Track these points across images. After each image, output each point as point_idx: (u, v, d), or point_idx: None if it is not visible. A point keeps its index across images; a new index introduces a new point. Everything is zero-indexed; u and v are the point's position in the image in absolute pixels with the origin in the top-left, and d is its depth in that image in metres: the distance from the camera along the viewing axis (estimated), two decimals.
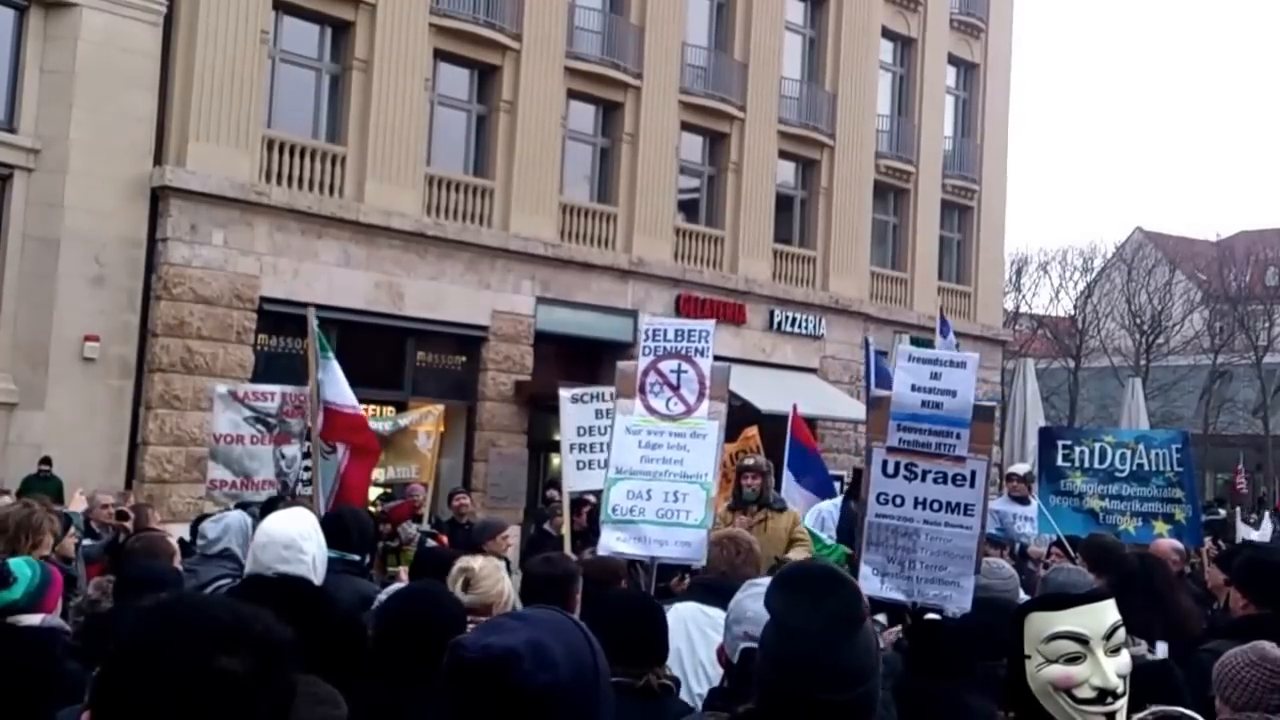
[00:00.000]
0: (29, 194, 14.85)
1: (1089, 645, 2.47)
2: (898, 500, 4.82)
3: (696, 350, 5.51)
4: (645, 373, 5.56)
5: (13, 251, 14.77)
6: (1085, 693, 2.43)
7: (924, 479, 4.80)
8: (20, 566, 3.62)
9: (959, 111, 27.39)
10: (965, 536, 4.70)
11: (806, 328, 22.94)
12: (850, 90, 23.91)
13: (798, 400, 11.75)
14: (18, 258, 14.77)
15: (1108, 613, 2.54)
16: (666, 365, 5.52)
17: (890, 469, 4.86)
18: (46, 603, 3.65)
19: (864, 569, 4.73)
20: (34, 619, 3.57)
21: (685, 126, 21.46)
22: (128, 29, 15.34)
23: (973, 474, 4.77)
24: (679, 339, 5.55)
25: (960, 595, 4.59)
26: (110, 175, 15.09)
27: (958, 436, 4.79)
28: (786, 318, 22.61)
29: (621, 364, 5.72)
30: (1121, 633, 2.54)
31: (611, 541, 5.29)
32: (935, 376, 4.88)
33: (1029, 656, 2.51)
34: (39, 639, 3.53)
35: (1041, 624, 2.52)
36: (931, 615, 4.25)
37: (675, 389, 5.48)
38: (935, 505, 4.77)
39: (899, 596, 4.63)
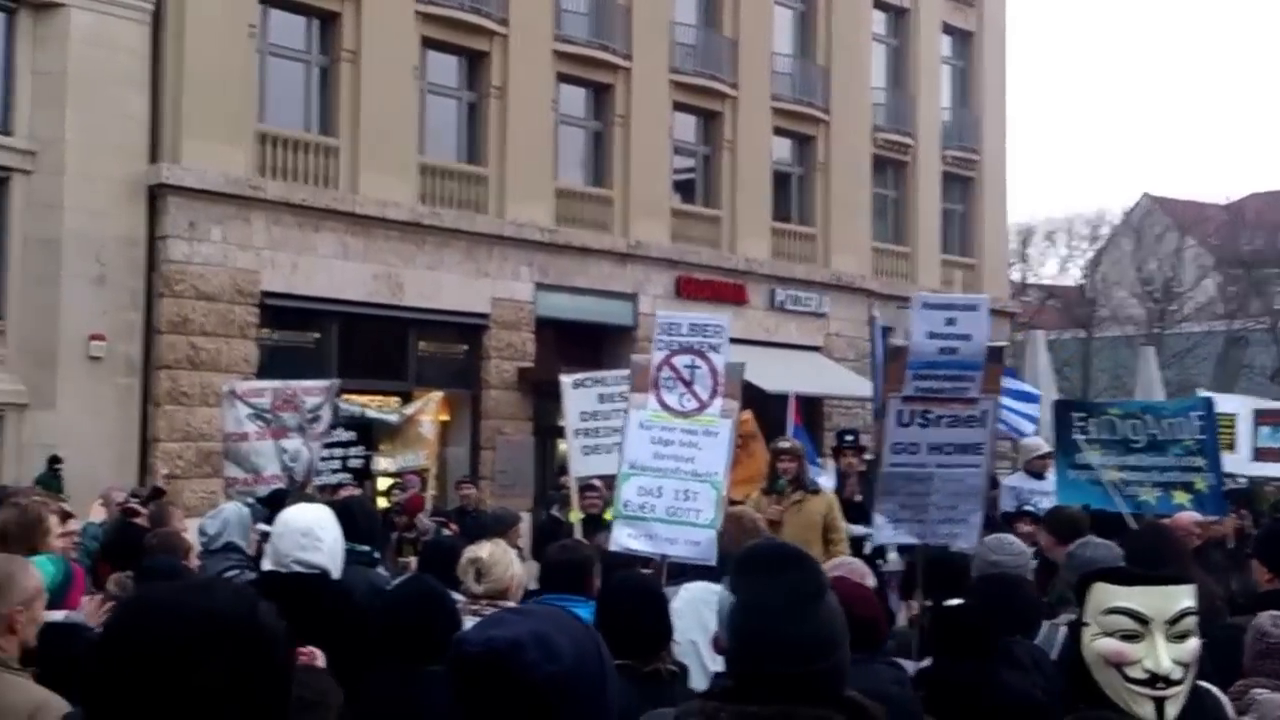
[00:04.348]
0: (28, 196, 14.89)
1: (1149, 626, 2.43)
2: (912, 449, 4.87)
3: (710, 346, 5.40)
4: (659, 367, 5.46)
5: (15, 254, 14.83)
6: (1137, 673, 2.40)
7: (938, 424, 4.84)
8: (44, 565, 3.68)
9: (956, 81, 27.18)
10: (975, 475, 4.81)
11: (809, 306, 22.87)
12: (844, 63, 23.78)
13: (803, 379, 11.88)
14: (20, 260, 14.83)
15: (1180, 598, 2.49)
16: (680, 360, 5.42)
17: (905, 418, 4.89)
18: (69, 599, 3.72)
19: (877, 519, 4.81)
20: (57, 615, 3.64)
21: (677, 106, 21.38)
22: (116, 28, 15.33)
23: (984, 413, 4.84)
24: (693, 333, 5.44)
25: (969, 531, 4.69)
26: (107, 175, 15.11)
27: (972, 380, 4.83)
28: (788, 296, 22.49)
29: (635, 357, 5.66)
30: (1191, 620, 2.48)
31: (623, 538, 5.30)
32: (950, 322, 4.87)
33: (1086, 624, 2.49)
34: (61, 635, 3.58)
35: (1104, 595, 2.49)
36: (953, 601, 4.26)
37: (689, 384, 5.38)
38: (948, 449, 4.82)
39: (911, 539, 4.71)
